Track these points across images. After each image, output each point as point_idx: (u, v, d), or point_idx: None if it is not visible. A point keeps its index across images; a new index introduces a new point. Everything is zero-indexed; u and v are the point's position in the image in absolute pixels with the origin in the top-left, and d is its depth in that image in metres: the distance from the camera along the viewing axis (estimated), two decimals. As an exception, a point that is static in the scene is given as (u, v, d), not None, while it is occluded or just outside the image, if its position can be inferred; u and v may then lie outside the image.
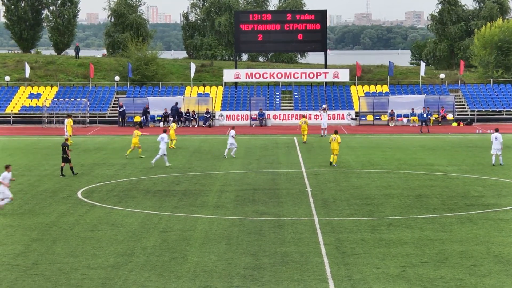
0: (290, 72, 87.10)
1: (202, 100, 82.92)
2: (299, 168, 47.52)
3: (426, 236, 28.62)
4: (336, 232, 29.36)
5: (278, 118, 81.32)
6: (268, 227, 30.26)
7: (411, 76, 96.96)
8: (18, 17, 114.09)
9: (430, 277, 23.16)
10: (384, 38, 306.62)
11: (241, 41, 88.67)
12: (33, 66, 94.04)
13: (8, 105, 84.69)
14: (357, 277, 23.24)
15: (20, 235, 29.14)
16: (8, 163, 48.19)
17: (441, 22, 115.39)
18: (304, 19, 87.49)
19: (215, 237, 28.57)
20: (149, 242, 27.85)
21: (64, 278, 23.38)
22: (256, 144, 61.69)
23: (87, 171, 46.33)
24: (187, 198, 36.81)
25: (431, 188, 39.34)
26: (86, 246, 27.36)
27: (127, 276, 23.48)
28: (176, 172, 45.75)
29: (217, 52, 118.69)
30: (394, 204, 35.01)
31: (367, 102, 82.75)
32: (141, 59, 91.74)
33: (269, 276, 23.43)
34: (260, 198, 36.78)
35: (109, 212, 33.56)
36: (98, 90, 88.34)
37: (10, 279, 23.27)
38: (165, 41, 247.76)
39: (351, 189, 39.31)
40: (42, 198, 37.23)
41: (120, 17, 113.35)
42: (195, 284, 22.67)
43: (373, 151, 55.91)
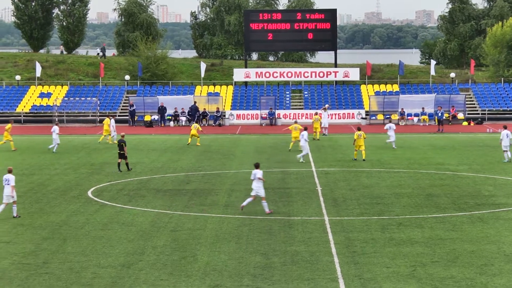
0: (300, 72, 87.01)
1: (212, 99, 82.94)
2: (309, 167, 47.49)
3: (436, 235, 28.58)
4: (346, 231, 29.35)
5: (288, 117, 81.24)
6: (278, 226, 30.26)
7: (421, 75, 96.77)
8: (29, 16, 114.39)
9: (440, 277, 23.13)
10: (394, 37, 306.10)
11: (251, 40, 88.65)
12: (43, 65, 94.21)
13: (19, 104, 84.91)
14: (367, 276, 23.23)
15: (30, 234, 29.22)
16: (19, 162, 48.42)
17: (451, 21, 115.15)
18: (314, 18, 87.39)
19: (225, 236, 28.59)
20: (159, 241, 27.88)
21: (75, 277, 23.43)
22: (266, 143, 61.67)
23: (97, 170, 46.40)
24: (197, 197, 36.84)
25: (442, 188, 39.27)
26: (97, 245, 27.41)
27: (137, 275, 23.52)
28: (186, 171, 45.79)
29: (227, 51, 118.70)
30: (404, 204, 34.97)
31: (377, 101, 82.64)
32: (151, 58, 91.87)
33: (279, 275, 23.43)
34: (270, 197, 36.74)
35: (120, 211, 33.62)
36: (108, 89, 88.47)
37: (21, 278, 23.34)
38: (175, 40, 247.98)
39: (361, 188, 39.27)
40: (52, 197, 37.31)
41: (130, 17, 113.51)
42: (205, 283, 22.69)
43: (383, 150, 55.84)
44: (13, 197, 32.34)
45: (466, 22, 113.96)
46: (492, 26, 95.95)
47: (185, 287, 22.35)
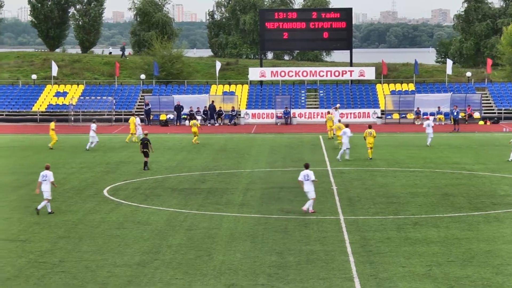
0: (316, 71, 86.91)
1: (227, 98, 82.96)
2: (324, 166, 47.44)
3: (452, 235, 28.49)
4: (362, 230, 29.30)
5: (303, 116, 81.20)
6: (294, 226, 30.25)
7: (437, 74, 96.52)
8: (45, 16, 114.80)
9: (456, 276, 23.05)
10: (410, 36, 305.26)
11: (266, 40, 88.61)
12: (59, 65, 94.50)
13: (35, 103, 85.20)
14: (383, 275, 23.18)
15: (46, 233, 29.32)
16: (34, 161, 48.62)
17: (467, 20, 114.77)
18: (330, 17, 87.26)
19: (240, 235, 28.59)
20: (174, 240, 27.92)
21: (91, 275, 23.49)
22: (282, 143, 61.64)
23: (113, 169, 46.49)
24: (212, 196, 36.86)
25: (458, 187, 39.14)
26: (112, 244, 27.48)
27: (152, 274, 23.56)
28: (202, 170, 45.83)
29: (242, 50, 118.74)
30: (420, 203, 34.89)
31: (393, 100, 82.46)
32: (166, 58, 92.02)
33: (294, 274, 23.42)
34: (286, 197, 36.76)
35: (135, 210, 33.68)
36: (124, 88, 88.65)
37: (37, 276, 23.42)
38: (191, 40, 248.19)
39: (376, 187, 39.21)
40: (68, 196, 37.41)
41: (146, 16, 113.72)
42: (220, 282, 22.70)
43: (398, 150, 55.72)
44: (49, 194, 33.12)
45: (482, 21, 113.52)
46: (508, 25, 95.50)
47: (200, 286, 22.37)
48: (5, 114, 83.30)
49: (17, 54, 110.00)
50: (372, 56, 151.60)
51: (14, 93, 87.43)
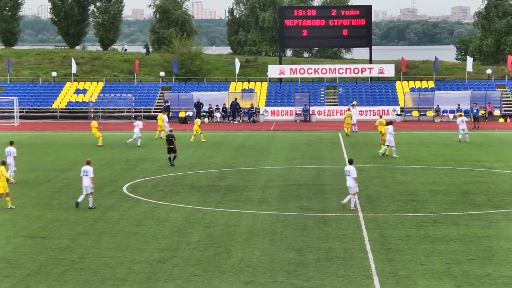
0: (335, 68, 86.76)
1: (246, 95, 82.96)
2: (343, 164, 47.25)
3: (472, 232, 28.38)
4: (381, 228, 29.24)
5: (322, 114, 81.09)
6: (313, 223, 30.22)
7: (457, 71, 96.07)
8: (65, 13, 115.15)
9: (476, 274, 22.95)
10: (429, 34, 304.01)
11: (285, 37, 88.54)
12: (79, 62, 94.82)
13: (55, 100, 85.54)
14: (402, 273, 23.12)
15: (66, 229, 29.43)
16: (54, 158, 48.81)
17: (487, 17, 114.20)
18: (349, 14, 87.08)
19: (259, 233, 28.60)
20: (193, 237, 27.95)
21: (110, 272, 23.56)
22: (301, 140, 61.59)
23: (132, 166, 46.60)
24: (231, 194, 36.88)
25: (477, 185, 38.97)
26: (131, 240, 27.55)
27: (171, 271, 23.59)
28: (220, 168, 45.85)
29: (261, 47, 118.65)
30: (439, 201, 34.77)
31: (413, 97, 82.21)
32: (185, 55, 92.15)
33: (313, 271, 23.40)
34: (305, 194, 36.74)
35: (154, 207, 33.76)
36: (143, 85, 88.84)
37: (57, 273, 23.51)
38: (210, 37, 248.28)
39: (396, 185, 39.10)
40: (88, 192, 37.52)
41: (165, 13, 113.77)
42: (239, 279, 22.71)
43: (418, 147, 55.55)
44: (92, 188, 33.60)
45: (502, 18, 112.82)
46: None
47: (219, 283, 22.38)
48: (25, 111, 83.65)
49: (37, 51, 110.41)
50: (391, 53, 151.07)
51: (34, 90, 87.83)
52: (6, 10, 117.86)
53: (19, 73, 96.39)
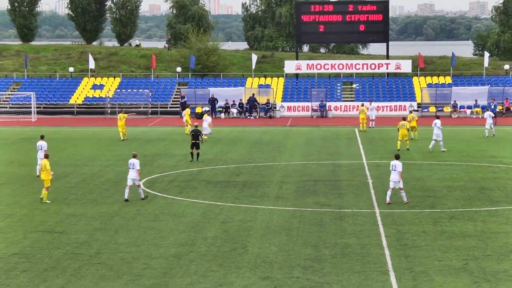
0: (352, 63, 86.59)
1: (263, 91, 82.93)
2: (360, 159, 47.31)
3: (489, 229, 28.30)
4: (398, 224, 29.20)
5: (339, 109, 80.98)
6: (329, 219, 30.21)
7: (474, 67, 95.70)
8: (82, 9, 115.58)
9: (493, 270, 22.90)
10: (447, 29, 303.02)
11: (302, 32, 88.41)
12: (96, 57, 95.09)
13: (72, 95, 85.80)
14: (418, 269, 23.09)
15: (83, 225, 29.54)
16: (71, 153, 49.02)
17: (505, 12, 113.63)
18: (366, 10, 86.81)
19: (275, 228, 28.61)
20: (210, 233, 28.00)
21: (126, 267, 23.64)
22: (317, 135, 61.53)
23: (149, 162, 46.69)
24: (247, 189, 36.90)
25: (495, 181, 38.82)
26: (148, 236, 27.62)
27: (188, 266, 23.65)
28: (237, 163, 45.88)
29: (278, 43, 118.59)
30: (456, 197, 34.68)
31: (430, 93, 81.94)
32: (202, 50, 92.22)
33: (329, 267, 23.40)
34: (321, 190, 36.71)
35: (171, 203, 33.83)
36: (160, 81, 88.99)
37: (74, 268, 23.61)
38: (226, 32, 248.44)
39: (412, 181, 39.01)
40: (104, 188, 37.65)
41: (182, 9, 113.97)
42: (255, 274, 22.74)
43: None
44: (139, 180, 34.24)
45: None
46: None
47: (235, 278, 22.42)
48: (43, 106, 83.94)
49: (54, 47, 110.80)
50: (408, 49, 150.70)
51: (51, 85, 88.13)
52: (23, 6, 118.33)
53: (37, 68, 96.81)
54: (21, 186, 38.32)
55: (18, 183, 39.23)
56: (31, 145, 55.84)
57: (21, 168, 44.37)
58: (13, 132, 65.78)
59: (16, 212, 32.05)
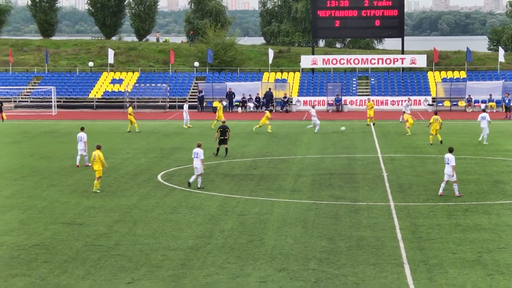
0: (367, 58, 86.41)
1: (279, 85, 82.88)
2: (375, 153, 47.23)
3: (503, 222, 28.21)
4: (412, 217, 29.15)
5: (354, 103, 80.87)
6: (344, 212, 30.19)
7: (489, 62, 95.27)
8: (102, 4, 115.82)
9: (507, 263, 22.83)
10: (462, 24, 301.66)
11: (318, 27, 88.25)
12: (115, 52, 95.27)
13: (92, 90, 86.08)
14: (433, 262, 23.04)
15: (102, 217, 29.65)
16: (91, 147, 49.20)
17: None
18: (382, 5, 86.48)
19: (291, 221, 28.62)
20: (227, 225, 28.04)
21: (145, 258, 23.72)
22: (333, 129, 61.41)
23: (167, 155, 46.79)
24: (264, 182, 36.91)
25: (509, 174, 38.66)
26: (166, 228, 27.69)
27: (205, 258, 23.70)
28: (254, 157, 45.90)
29: (294, 38, 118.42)
30: (470, 190, 34.57)
31: (444, 88, 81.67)
32: (219, 45, 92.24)
33: (345, 259, 23.39)
34: (336, 183, 36.69)
35: (188, 195, 33.89)
36: (178, 75, 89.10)
37: (93, 259, 23.71)
38: (243, 28, 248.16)
39: (427, 174, 38.93)
40: (123, 181, 37.76)
41: (200, 4, 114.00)
42: (272, 266, 22.76)
43: (449, 137, 55.15)
44: (202, 169, 35.03)
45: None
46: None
47: (252, 270, 22.45)
48: (63, 100, 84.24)
49: (74, 42, 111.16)
50: (423, 44, 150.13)
51: (71, 80, 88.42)
52: (44, 2, 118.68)
53: (57, 63, 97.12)
54: (42, 178, 38.49)
55: (39, 175, 39.42)
56: (51, 139, 56.17)
57: (42, 161, 44.57)
58: (34, 125, 66.06)
59: (37, 204, 32.21)
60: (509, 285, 20.84)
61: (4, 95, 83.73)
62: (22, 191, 35.06)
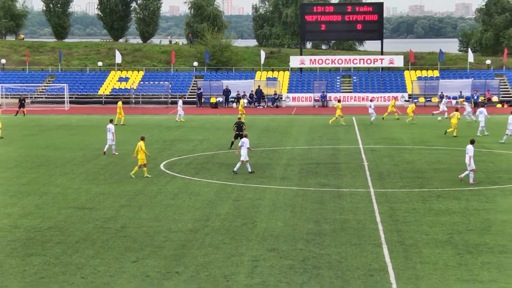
0: (350, 59, 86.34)
1: (270, 83, 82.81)
2: (357, 144, 47.24)
3: (472, 206, 28.25)
4: (390, 202, 29.17)
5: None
6: (329, 197, 30.19)
7: (459, 62, 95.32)
8: (110, 10, 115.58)
9: (475, 243, 22.87)
10: (435, 28, 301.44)
11: (306, 31, 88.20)
12: (122, 53, 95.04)
13: (101, 87, 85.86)
14: (408, 242, 23.08)
15: (110, 202, 29.60)
16: (100, 138, 49.11)
17: (487, 13, 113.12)
18: (363, 10, 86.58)
19: (281, 206, 28.62)
20: (223, 209, 28.02)
21: (149, 240, 23.70)
22: (319, 123, 61.44)
23: (169, 146, 46.72)
24: (256, 171, 36.86)
25: (477, 163, 38.58)
26: (168, 212, 27.67)
27: (203, 239, 23.69)
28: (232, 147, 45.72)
29: (284, 40, 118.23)
30: (443, 178, 34.60)
31: (419, 85, 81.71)
32: (216, 47, 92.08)
33: (329, 240, 23.41)
34: (322, 171, 36.68)
35: (188, 183, 33.85)
36: (179, 74, 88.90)
37: (102, 240, 23.69)
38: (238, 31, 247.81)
39: (404, 163, 38.94)
40: (130, 169, 37.61)
41: (199, 9, 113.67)
42: (263, 246, 22.76)
43: (424, 130, 55.27)
44: (246, 156, 35.73)
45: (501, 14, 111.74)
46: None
47: (245, 250, 22.45)
48: (75, 97, 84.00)
49: (85, 44, 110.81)
50: (401, 45, 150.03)
51: (82, 78, 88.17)
52: (57, 7, 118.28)
53: (69, 63, 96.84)
54: (55, 167, 38.40)
55: (53, 165, 39.32)
56: (64, 131, 56.03)
57: (56, 152, 44.46)
58: (49, 119, 65.88)
59: (51, 190, 32.15)
60: (477, 262, 20.88)
61: (21, 91, 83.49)
62: (38, 179, 34.99)
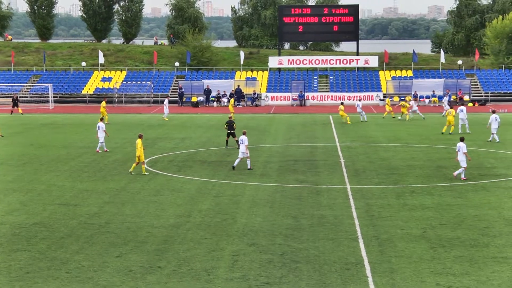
0: (327, 59, 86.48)
1: (250, 83, 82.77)
2: (333, 142, 47.32)
3: (444, 201, 28.38)
4: (366, 198, 29.23)
5: (315, 99, 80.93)
6: (307, 193, 30.21)
7: (432, 62, 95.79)
8: (93, 11, 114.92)
9: (448, 237, 22.98)
10: (409, 29, 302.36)
11: (284, 32, 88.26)
12: (105, 54, 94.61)
13: (84, 87, 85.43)
14: (384, 237, 23.14)
15: (94, 199, 29.46)
16: (84, 136, 48.84)
17: (458, 15, 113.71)
18: (339, 12, 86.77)
19: (260, 202, 28.60)
20: (204, 205, 27.97)
21: (132, 235, 23.60)
22: (297, 122, 61.50)
23: (151, 144, 46.56)
24: (236, 168, 36.81)
25: (449, 160, 38.87)
26: (151, 208, 27.57)
27: (185, 234, 23.62)
28: (228, 146, 45.75)
29: (263, 41, 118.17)
30: (416, 174, 34.73)
31: (394, 85, 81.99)
32: (197, 48, 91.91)
33: (307, 235, 23.42)
34: (300, 168, 36.70)
35: (170, 180, 33.75)
36: (161, 74, 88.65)
37: (86, 236, 23.56)
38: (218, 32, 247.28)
39: (379, 160, 39.06)
40: (113, 167, 37.53)
41: (180, 11, 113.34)
42: (243, 241, 22.74)
43: (398, 128, 55.47)
44: (247, 153, 35.80)
45: (472, 16, 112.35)
46: (493, 20, 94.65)
47: (226, 245, 22.41)
48: (59, 96, 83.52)
49: (69, 44, 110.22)
50: (376, 46, 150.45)
51: (66, 78, 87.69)
52: (42, 9, 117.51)
53: (54, 63, 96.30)
54: (40, 165, 38.16)
55: (37, 162, 39.07)
56: (49, 130, 55.68)
57: (41, 150, 44.19)
58: (33, 118, 65.46)
59: (36, 187, 31.94)
60: (450, 256, 20.97)
61: (6, 91, 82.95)
62: (23, 176, 34.75)
